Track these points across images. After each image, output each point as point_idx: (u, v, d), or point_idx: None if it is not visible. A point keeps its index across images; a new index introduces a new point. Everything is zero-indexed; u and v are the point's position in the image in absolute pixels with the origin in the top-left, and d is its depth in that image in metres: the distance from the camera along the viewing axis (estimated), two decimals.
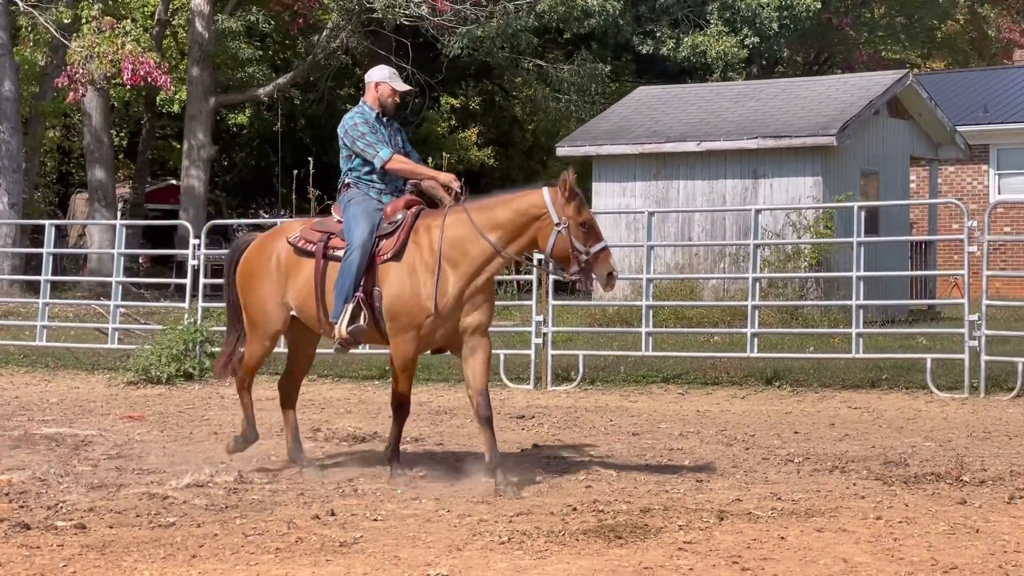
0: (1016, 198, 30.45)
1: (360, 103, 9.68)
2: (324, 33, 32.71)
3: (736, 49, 34.08)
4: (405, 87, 10.11)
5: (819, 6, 35.79)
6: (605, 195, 23.76)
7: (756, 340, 15.73)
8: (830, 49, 41.99)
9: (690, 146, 22.92)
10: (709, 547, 7.07)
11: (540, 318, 15.98)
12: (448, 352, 9.76)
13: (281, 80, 34.64)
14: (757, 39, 34.53)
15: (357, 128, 9.17)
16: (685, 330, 18.11)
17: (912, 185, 26.64)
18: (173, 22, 35.68)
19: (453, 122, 39.90)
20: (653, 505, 8.34)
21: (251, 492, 8.97)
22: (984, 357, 14.57)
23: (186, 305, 17.57)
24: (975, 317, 14.65)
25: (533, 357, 16.02)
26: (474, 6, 29.85)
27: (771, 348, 16.41)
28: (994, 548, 7.12)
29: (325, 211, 27.58)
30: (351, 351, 9.95)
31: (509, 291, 21.25)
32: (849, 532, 7.55)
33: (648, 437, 11.82)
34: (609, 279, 9.37)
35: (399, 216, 9.10)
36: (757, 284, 16.59)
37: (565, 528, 7.56)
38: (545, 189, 9.04)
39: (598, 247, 9.12)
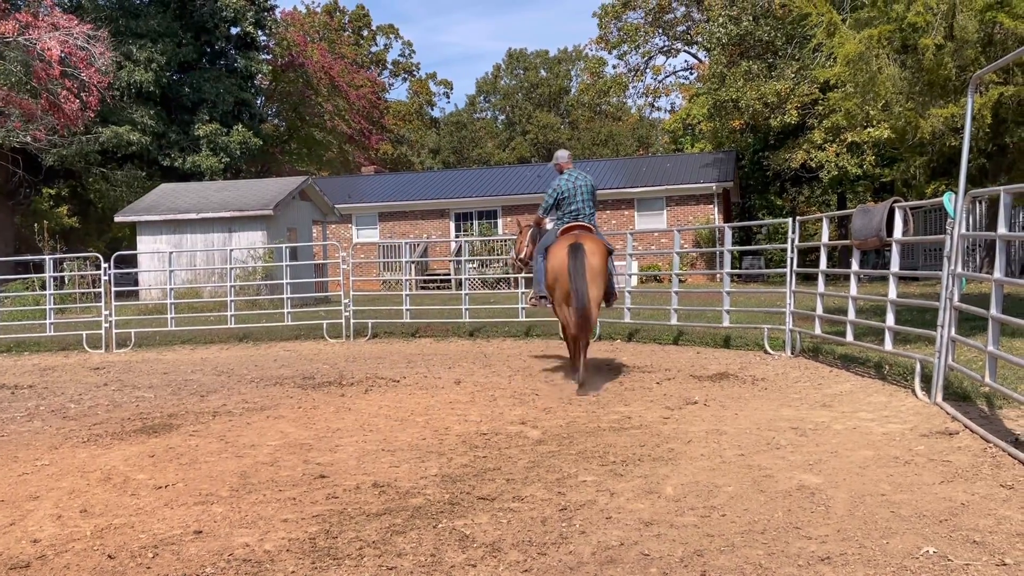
0: (365, 241, 31.64)
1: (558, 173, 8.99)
2: None
3: (217, 163, 33.13)
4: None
5: (261, 142, 35.60)
6: (145, 243, 22.39)
7: (234, 318, 15.60)
8: (269, 164, 41.79)
9: (192, 215, 22.17)
10: (207, 432, 6.87)
11: (107, 311, 14.97)
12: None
13: None
14: (228, 159, 33.73)
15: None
16: (200, 315, 17.63)
17: (314, 234, 27.08)
18: None
19: (51, 203, 36.12)
20: (176, 412, 7.91)
21: None
22: (353, 320, 14.81)
23: None
24: (347, 300, 14.82)
25: (103, 333, 14.90)
26: (61, 137, 27.15)
27: (241, 321, 16.34)
28: (359, 418, 7.21)
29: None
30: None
31: (87, 295, 19.62)
32: (285, 417, 7.44)
33: (173, 375, 10.92)
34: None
35: None
36: (233, 289, 16.40)
37: (123, 430, 7.10)
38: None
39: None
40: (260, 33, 37.42)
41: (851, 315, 9.30)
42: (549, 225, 9.42)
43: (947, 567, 3.63)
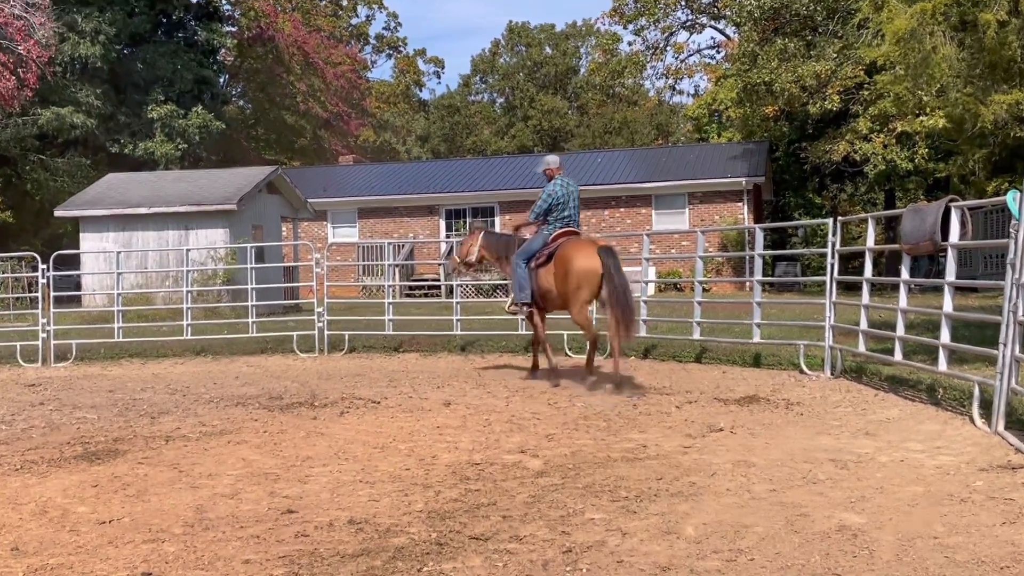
0: (342, 241, 31.67)
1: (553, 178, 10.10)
2: None
3: (173, 150, 33.21)
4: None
5: (224, 126, 35.69)
6: (89, 241, 22.30)
7: (190, 328, 15.59)
8: (233, 151, 41.77)
9: (143, 210, 22.14)
10: (159, 459, 6.83)
11: (44, 320, 14.96)
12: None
13: None
14: (186, 145, 33.82)
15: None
16: (147, 324, 17.55)
17: (284, 233, 27.08)
18: None
19: None
20: (123, 436, 7.86)
21: None
22: (327, 332, 14.91)
23: None
24: (321, 309, 14.88)
25: (40, 344, 14.88)
26: None
27: (199, 332, 16.26)
28: (333, 444, 7.25)
29: None
30: None
31: (22, 301, 19.61)
32: (248, 442, 7.42)
33: (120, 392, 10.86)
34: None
35: None
36: (189, 295, 16.40)
37: (62, 456, 7.05)
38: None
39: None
40: (224, 1, 37.62)
41: (900, 330, 9.32)
42: (526, 233, 10.15)
43: None
